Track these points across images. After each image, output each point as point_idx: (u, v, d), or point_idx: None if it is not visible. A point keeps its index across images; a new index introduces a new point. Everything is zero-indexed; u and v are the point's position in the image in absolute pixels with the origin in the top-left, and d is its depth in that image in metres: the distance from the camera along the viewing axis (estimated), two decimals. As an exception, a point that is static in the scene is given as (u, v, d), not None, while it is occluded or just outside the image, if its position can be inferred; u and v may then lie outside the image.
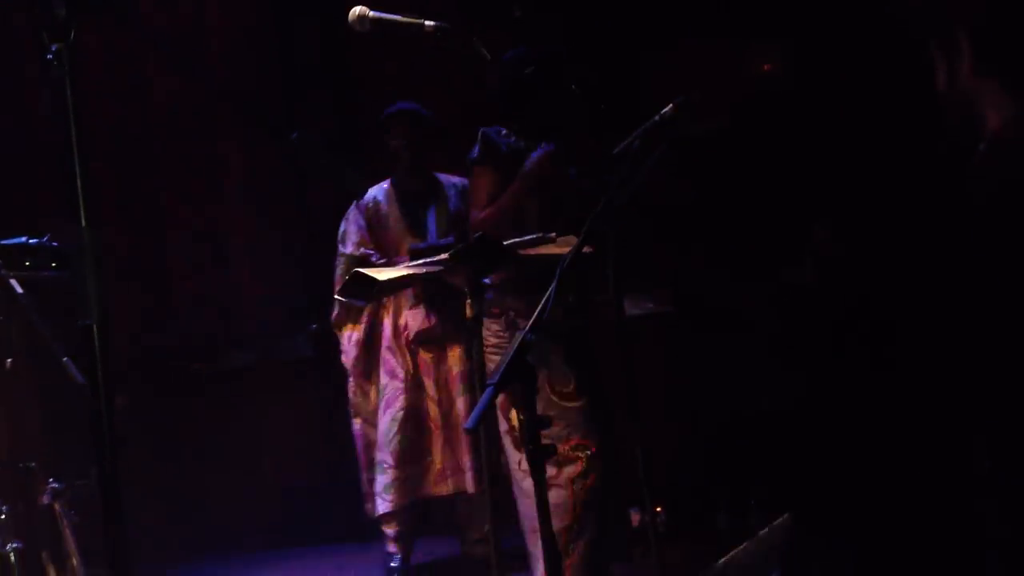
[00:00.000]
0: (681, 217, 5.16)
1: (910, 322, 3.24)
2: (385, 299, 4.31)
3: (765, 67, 4.96)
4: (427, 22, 2.74)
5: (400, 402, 4.35)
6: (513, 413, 2.99)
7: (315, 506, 5.33)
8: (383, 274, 2.68)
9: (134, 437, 4.18)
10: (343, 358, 4.50)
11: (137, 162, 5.68)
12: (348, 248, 4.44)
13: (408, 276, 2.75)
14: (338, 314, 4.47)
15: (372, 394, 4.44)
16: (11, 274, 3.29)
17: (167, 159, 5.70)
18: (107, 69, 5.62)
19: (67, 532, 3.38)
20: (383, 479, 4.34)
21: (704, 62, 4.85)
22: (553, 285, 2.40)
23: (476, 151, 3.13)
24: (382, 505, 4.35)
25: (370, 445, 4.42)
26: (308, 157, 1.40)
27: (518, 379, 2.24)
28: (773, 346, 4.34)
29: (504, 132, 3.14)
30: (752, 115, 4.59)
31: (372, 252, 4.38)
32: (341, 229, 4.49)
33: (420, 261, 2.85)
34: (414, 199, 4.43)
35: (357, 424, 4.48)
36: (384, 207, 4.42)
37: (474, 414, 2.27)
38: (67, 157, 1.41)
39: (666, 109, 2.88)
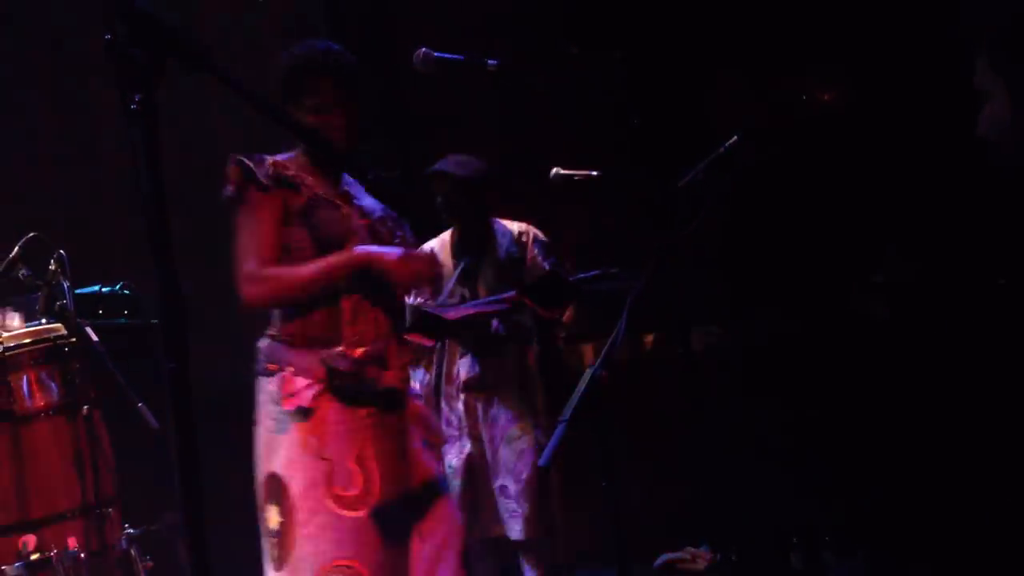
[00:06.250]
0: (743, 248, 5.11)
1: (985, 352, 3.17)
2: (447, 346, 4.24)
3: (826, 96, 4.92)
4: (489, 61, 2.75)
5: (455, 450, 4.32)
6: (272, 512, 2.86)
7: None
8: (450, 313, 2.68)
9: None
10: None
11: (203, 211, 5.76)
12: (411, 299, 4.23)
13: (475, 314, 2.74)
14: None
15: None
16: (86, 322, 3.35)
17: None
18: (171, 120, 5.72)
19: (142, 577, 3.41)
20: None
21: (765, 93, 4.83)
22: (623, 317, 2.38)
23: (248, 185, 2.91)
24: None
25: None
26: (382, 192, 1.42)
27: (591, 415, 2.23)
28: (845, 380, 4.26)
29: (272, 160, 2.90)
30: (814, 142, 4.55)
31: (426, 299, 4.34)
32: None
33: (484, 300, 2.82)
34: (466, 251, 4.38)
35: None
36: (440, 257, 4.40)
37: (547, 452, 2.26)
38: (149, 207, 1.43)
39: (730, 140, 2.87)
